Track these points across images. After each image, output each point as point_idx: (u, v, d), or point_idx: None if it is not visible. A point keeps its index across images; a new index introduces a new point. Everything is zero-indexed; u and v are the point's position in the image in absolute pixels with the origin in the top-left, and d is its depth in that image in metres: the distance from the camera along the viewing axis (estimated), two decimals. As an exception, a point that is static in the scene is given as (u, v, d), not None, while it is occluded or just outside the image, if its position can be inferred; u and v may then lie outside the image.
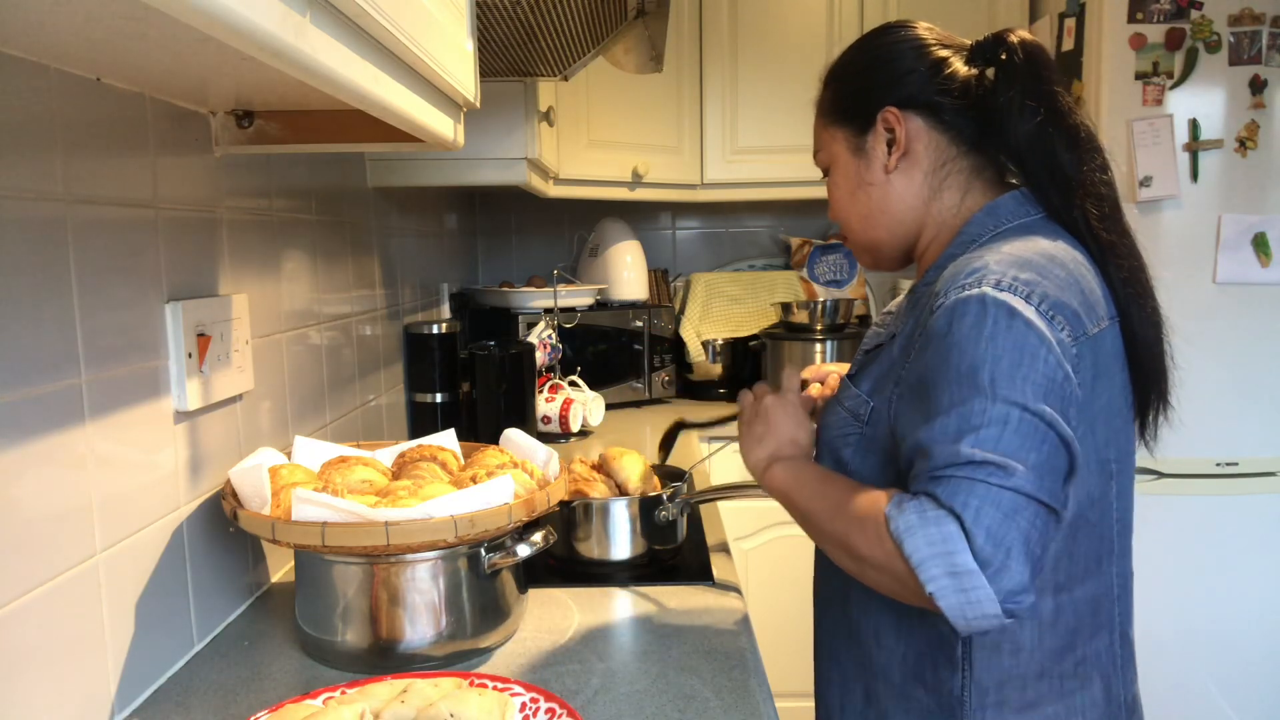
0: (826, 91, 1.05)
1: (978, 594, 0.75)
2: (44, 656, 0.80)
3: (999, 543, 0.74)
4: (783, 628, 2.30)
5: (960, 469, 0.77)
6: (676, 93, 2.62)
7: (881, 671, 0.96)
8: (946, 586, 0.75)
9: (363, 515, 0.92)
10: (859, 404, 0.97)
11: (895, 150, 0.98)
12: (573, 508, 1.31)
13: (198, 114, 1.08)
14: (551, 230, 3.05)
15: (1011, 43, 0.94)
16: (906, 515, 0.78)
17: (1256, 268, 2.15)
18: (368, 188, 1.75)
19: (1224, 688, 2.19)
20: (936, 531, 0.76)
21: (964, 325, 0.81)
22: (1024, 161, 0.94)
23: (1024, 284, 0.82)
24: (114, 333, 0.90)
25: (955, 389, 0.80)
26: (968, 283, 0.83)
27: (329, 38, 0.60)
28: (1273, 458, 2.17)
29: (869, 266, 1.09)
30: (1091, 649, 0.91)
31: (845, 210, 1.04)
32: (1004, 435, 0.77)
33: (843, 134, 1.02)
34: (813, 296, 2.91)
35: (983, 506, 0.75)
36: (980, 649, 0.89)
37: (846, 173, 1.02)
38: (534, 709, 0.84)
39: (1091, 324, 0.85)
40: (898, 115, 0.97)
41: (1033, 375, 0.79)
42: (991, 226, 0.94)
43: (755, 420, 1.05)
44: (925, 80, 0.97)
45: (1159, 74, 2.14)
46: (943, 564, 0.75)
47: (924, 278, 0.98)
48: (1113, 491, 0.90)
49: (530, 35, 1.31)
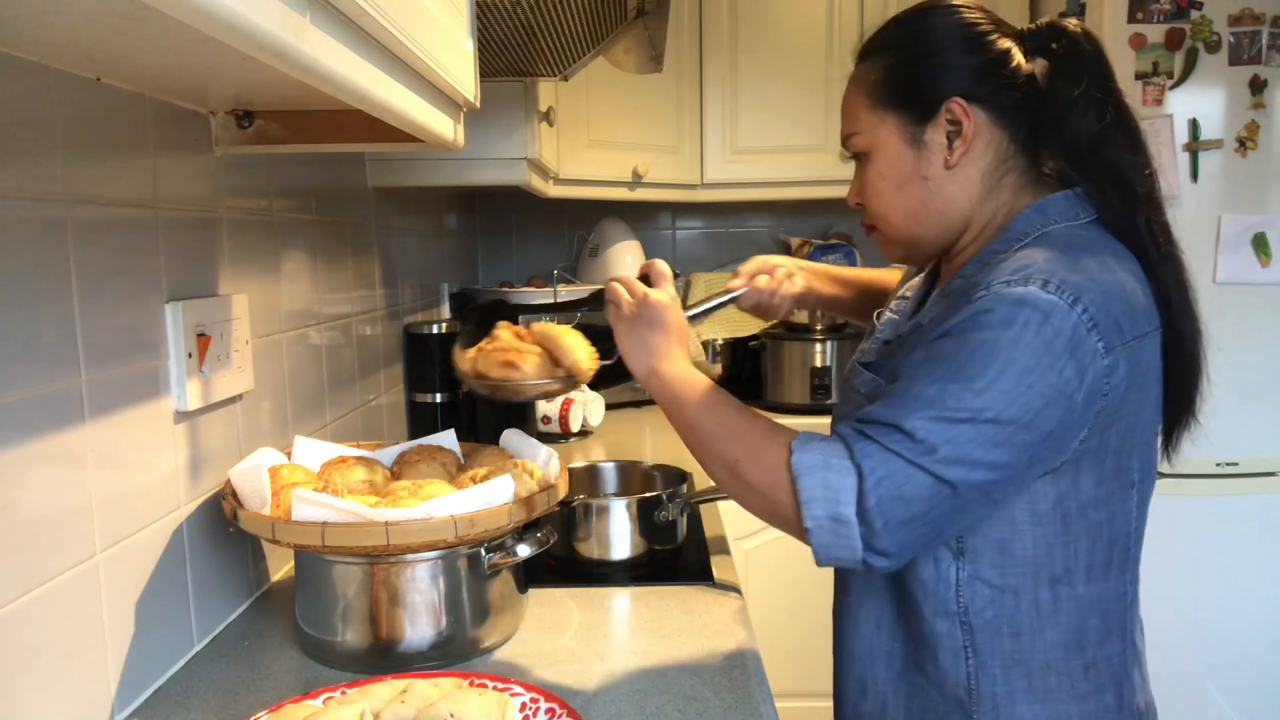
0: (873, 69, 0.95)
1: (848, 543, 0.81)
2: (44, 656, 0.80)
3: (884, 512, 0.80)
4: (783, 628, 2.29)
5: (891, 437, 0.80)
6: (676, 93, 2.62)
7: (885, 658, 0.96)
8: (824, 528, 0.82)
9: (363, 515, 0.92)
10: (877, 390, 0.94)
11: (959, 145, 0.91)
12: (573, 507, 1.31)
13: (198, 114, 1.08)
14: (551, 230, 3.05)
15: (1074, 33, 0.89)
16: (810, 454, 0.83)
17: (1256, 268, 2.15)
18: (368, 188, 1.75)
19: (1224, 688, 2.18)
20: (836, 480, 0.81)
21: (995, 318, 0.80)
22: (1084, 163, 0.89)
23: (1071, 288, 0.80)
24: (114, 333, 0.90)
25: (955, 371, 0.80)
26: (1013, 278, 0.81)
27: (329, 38, 0.60)
28: (1273, 458, 2.17)
29: (896, 260, 1.03)
30: (1103, 654, 0.90)
31: (887, 203, 0.96)
32: (964, 434, 0.79)
33: (896, 120, 0.93)
34: (813, 296, 2.91)
35: (887, 477, 0.80)
36: (981, 632, 0.89)
37: (895, 163, 0.94)
38: (534, 709, 0.84)
39: (1131, 333, 0.83)
40: (965, 107, 0.90)
41: (1040, 384, 0.78)
42: (1039, 225, 0.90)
43: (639, 320, 0.99)
44: (990, 71, 0.90)
45: (1159, 74, 2.14)
46: (828, 508, 0.81)
47: (961, 271, 0.93)
48: (1133, 500, 0.89)
49: (530, 35, 1.31)
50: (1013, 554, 0.87)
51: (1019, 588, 0.88)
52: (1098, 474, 0.86)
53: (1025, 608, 0.88)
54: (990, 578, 0.88)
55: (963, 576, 0.89)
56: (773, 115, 2.66)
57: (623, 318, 1.01)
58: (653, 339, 0.99)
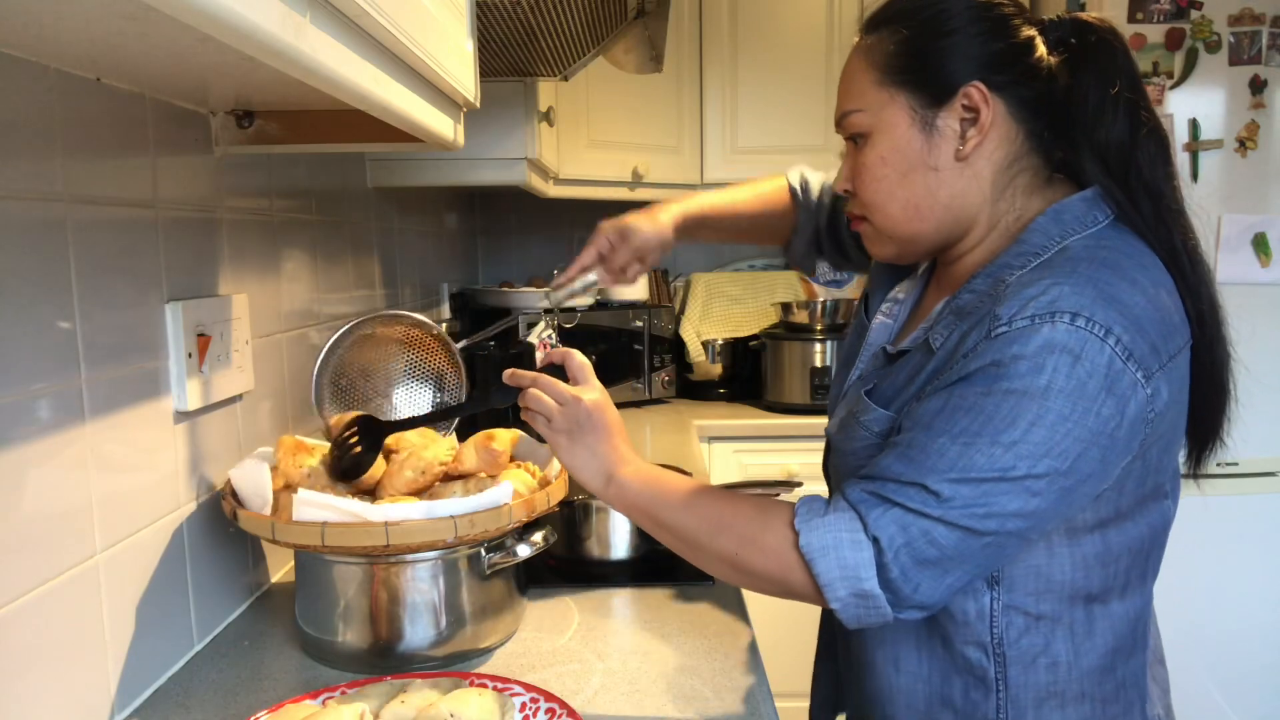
0: (886, 41, 0.85)
1: (878, 612, 0.78)
2: (44, 656, 0.80)
3: (910, 578, 0.76)
4: (783, 628, 2.29)
5: (912, 496, 0.75)
6: (676, 93, 2.62)
7: (905, 697, 0.89)
8: (849, 604, 0.78)
9: (363, 515, 0.92)
10: (886, 425, 0.86)
11: (974, 135, 0.83)
12: (573, 507, 1.31)
13: (198, 114, 1.08)
14: (551, 230, 3.05)
15: (1104, 30, 0.83)
16: (820, 534, 0.78)
17: (1256, 268, 2.15)
18: (368, 188, 1.75)
19: (1224, 688, 2.19)
20: (851, 557, 0.77)
21: (1023, 366, 0.73)
22: (1110, 169, 0.83)
23: (1100, 320, 0.73)
24: (114, 333, 0.90)
25: (982, 425, 0.74)
26: (1038, 313, 0.74)
27: (329, 38, 0.60)
28: (1273, 458, 2.17)
29: (885, 258, 0.93)
30: (1129, 670, 0.86)
31: (886, 191, 0.86)
32: (995, 490, 0.74)
33: (907, 100, 0.84)
34: (813, 296, 2.91)
35: (907, 544, 0.75)
36: (1015, 664, 0.84)
37: (901, 149, 0.84)
38: (534, 709, 0.84)
39: (1168, 353, 0.77)
40: (985, 94, 0.82)
41: (1078, 430, 0.73)
42: (1058, 237, 0.82)
43: (578, 429, 0.89)
44: (1013, 59, 0.82)
45: (1159, 74, 2.14)
46: (849, 586, 0.77)
47: (969, 284, 0.85)
48: (1167, 509, 0.86)
49: (530, 35, 1.31)
50: (1050, 579, 0.82)
51: (1056, 614, 0.83)
52: (1138, 492, 0.82)
53: (1061, 634, 0.83)
54: (1026, 605, 0.83)
55: (997, 606, 0.84)
56: (773, 115, 2.66)
57: (557, 429, 0.90)
58: (599, 447, 0.89)
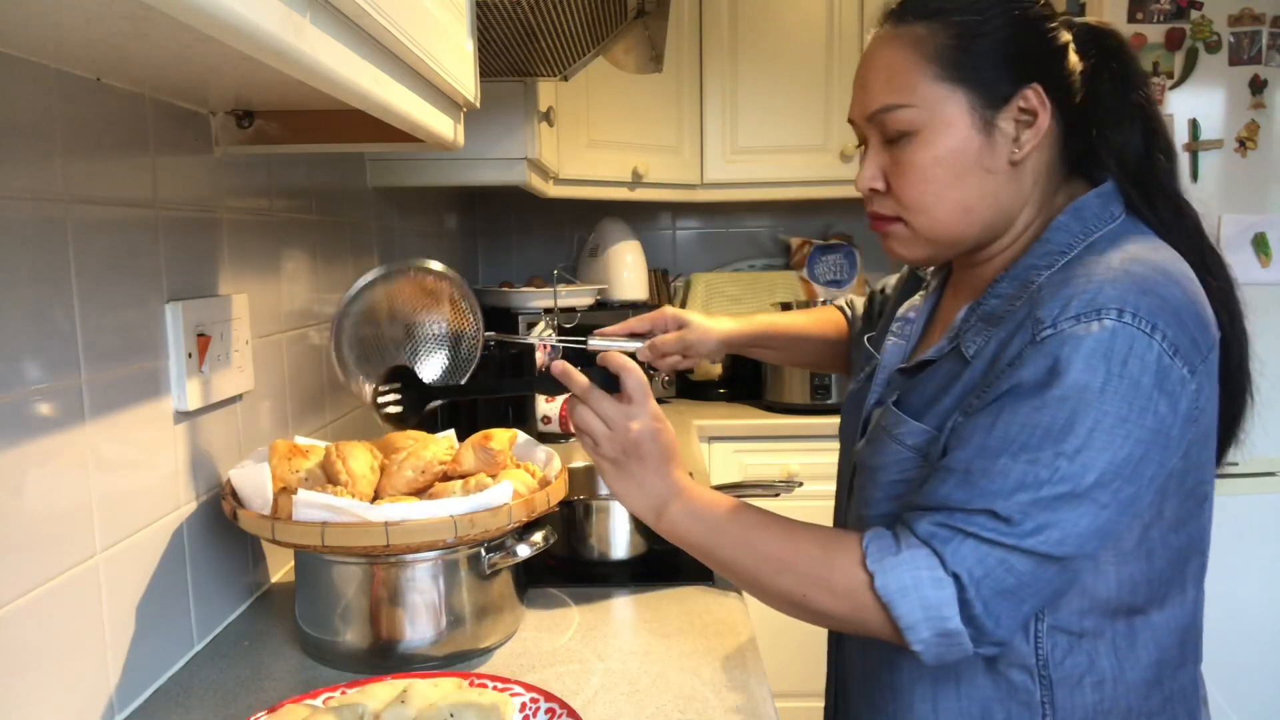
0: (940, 33, 0.81)
1: (960, 648, 0.77)
2: (44, 656, 0.80)
3: (993, 612, 0.75)
4: (783, 628, 2.29)
5: (984, 525, 0.74)
6: (676, 93, 2.62)
7: None
8: (932, 644, 0.76)
9: (362, 515, 0.92)
10: (923, 439, 0.83)
11: (1030, 137, 0.81)
12: (573, 507, 1.31)
13: (198, 114, 1.08)
14: (551, 230, 3.05)
15: (1119, 37, 0.84)
16: (898, 575, 0.76)
17: (1257, 268, 2.15)
18: (368, 188, 1.75)
19: (1224, 688, 2.18)
20: (934, 596, 0.75)
21: (1076, 370, 0.72)
22: (1129, 173, 0.83)
23: (1146, 314, 0.72)
24: (114, 333, 0.90)
25: (1041, 436, 0.73)
26: (1084, 312, 0.73)
27: (329, 38, 0.60)
28: (1273, 458, 2.17)
29: (914, 260, 0.89)
30: (1177, 684, 0.84)
31: (936, 193, 0.82)
32: (1067, 512, 0.73)
33: (968, 98, 0.80)
34: (813, 297, 2.91)
35: (986, 576, 0.74)
36: (1061, 686, 0.82)
37: (959, 149, 0.81)
38: (534, 709, 0.84)
39: (1206, 346, 0.76)
40: (1043, 98, 0.80)
41: (1138, 431, 0.72)
42: (1081, 234, 0.82)
43: (628, 458, 0.85)
44: (1058, 63, 0.82)
45: (1159, 74, 2.14)
46: (933, 627, 0.75)
47: (994, 289, 0.84)
48: (1207, 513, 0.84)
49: (530, 35, 1.31)
50: (1096, 596, 0.81)
51: (1098, 629, 0.81)
52: (1180, 496, 0.80)
53: (1104, 649, 0.81)
54: (1069, 624, 0.81)
55: (1043, 627, 0.82)
56: (773, 115, 2.66)
57: (603, 455, 0.86)
58: (648, 478, 0.85)
